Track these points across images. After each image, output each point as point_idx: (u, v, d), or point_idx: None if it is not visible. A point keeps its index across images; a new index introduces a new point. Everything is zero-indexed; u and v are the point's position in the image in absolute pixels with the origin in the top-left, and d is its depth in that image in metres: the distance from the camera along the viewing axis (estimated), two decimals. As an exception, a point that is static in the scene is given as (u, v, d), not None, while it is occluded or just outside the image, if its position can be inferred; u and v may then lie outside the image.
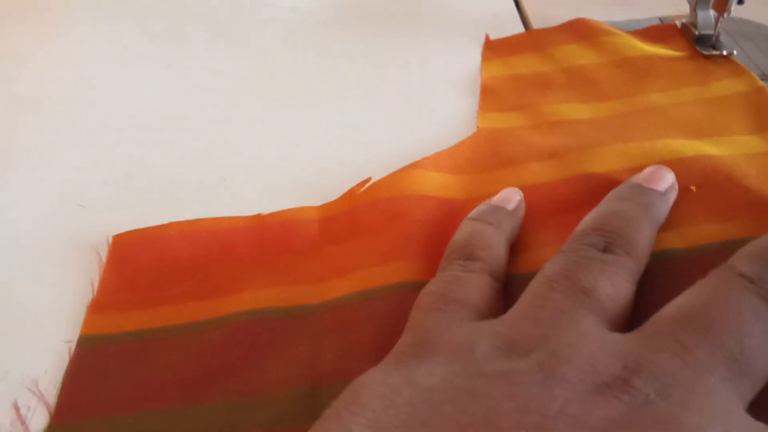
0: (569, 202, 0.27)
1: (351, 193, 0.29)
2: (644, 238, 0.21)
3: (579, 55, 0.38)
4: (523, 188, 0.27)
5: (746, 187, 0.25)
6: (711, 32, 0.36)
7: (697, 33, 0.37)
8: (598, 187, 0.27)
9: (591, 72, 0.36)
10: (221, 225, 0.28)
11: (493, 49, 0.40)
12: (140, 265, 0.27)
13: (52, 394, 0.22)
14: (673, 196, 0.24)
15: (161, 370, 0.23)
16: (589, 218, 0.22)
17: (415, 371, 0.17)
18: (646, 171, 0.24)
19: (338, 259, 0.26)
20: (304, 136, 0.34)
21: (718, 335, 0.17)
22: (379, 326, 0.23)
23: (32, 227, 0.29)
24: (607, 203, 0.23)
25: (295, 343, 0.23)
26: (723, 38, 0.38)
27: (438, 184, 0.29)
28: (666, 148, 0.28)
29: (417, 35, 0.43)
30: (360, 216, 0.28)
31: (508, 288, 0.23)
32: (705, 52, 0.36)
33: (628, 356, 0.16)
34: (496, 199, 0.26)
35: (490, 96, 0.35)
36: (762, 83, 0.33)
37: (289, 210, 0.28)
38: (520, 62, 0.38)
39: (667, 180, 0.24)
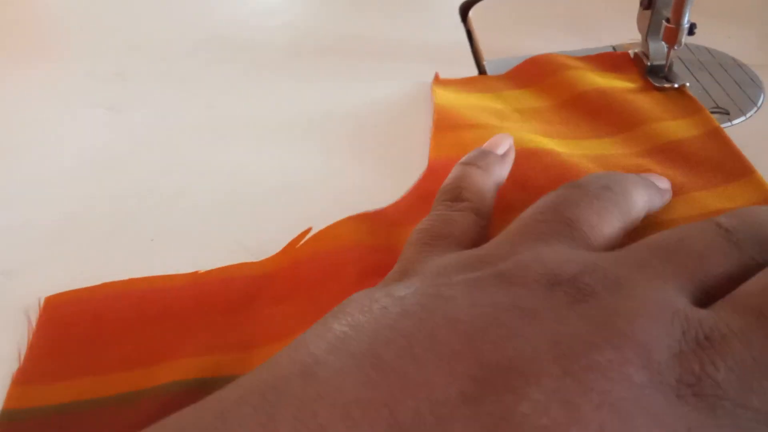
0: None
1: (291, 246, 0.28)
2: (639, 200, 0.23)
3: (531, 100, 0.37)
4: None
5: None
6: (663, 63, 0.36)
7: (649, 64, 0.36)
8: (558, 169, 0.29)
9: (544, 114, 0.35)
10: (155, 285, 0.27)
11: (443, 86, 0.39)
12: (71, 330, 0.25)
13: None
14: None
15: None
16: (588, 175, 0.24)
17: (395, 287, 0.18)
18: None
19: (276, 321, 0.25)
20: (246, 181, 0.33)
21: (680, 257, 0.18)
22: None
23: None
24: (597, 173, 0.24)
25: None
26: (677, 68, 0.37)
27: (381, 231, 0.28)
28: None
29: (368, 69, 0.42)
30: (300, 271, 0.27)
31: None
32: (657, 84, 0.35)
33: (588, 264, 0.18)
34: (486, 145, 0.27)
35: (444, 119, 0.34)
36: (716, 123, 0.32)
37: (230, 267, 0.27)
38: (473, 97, 0.37)
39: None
